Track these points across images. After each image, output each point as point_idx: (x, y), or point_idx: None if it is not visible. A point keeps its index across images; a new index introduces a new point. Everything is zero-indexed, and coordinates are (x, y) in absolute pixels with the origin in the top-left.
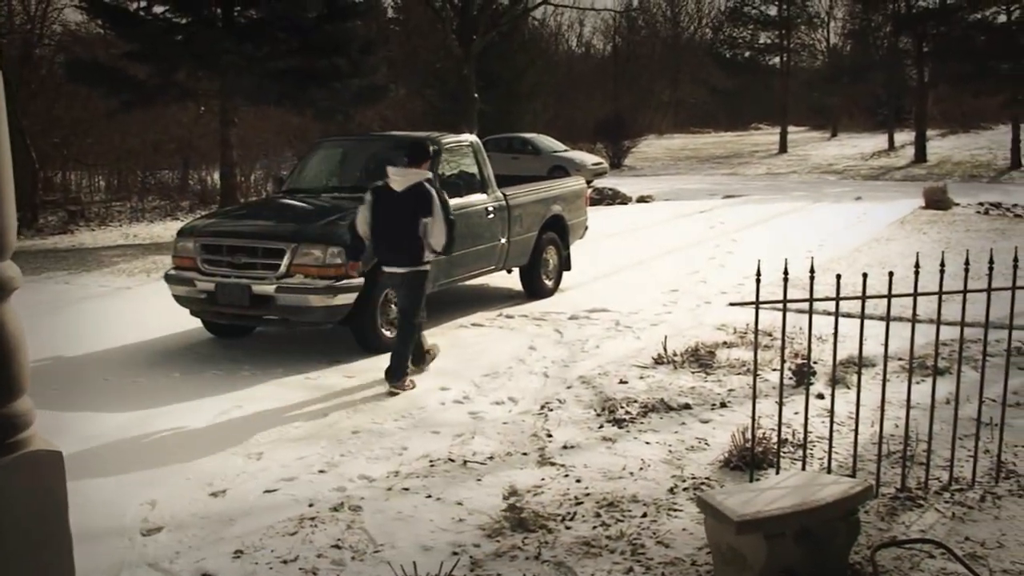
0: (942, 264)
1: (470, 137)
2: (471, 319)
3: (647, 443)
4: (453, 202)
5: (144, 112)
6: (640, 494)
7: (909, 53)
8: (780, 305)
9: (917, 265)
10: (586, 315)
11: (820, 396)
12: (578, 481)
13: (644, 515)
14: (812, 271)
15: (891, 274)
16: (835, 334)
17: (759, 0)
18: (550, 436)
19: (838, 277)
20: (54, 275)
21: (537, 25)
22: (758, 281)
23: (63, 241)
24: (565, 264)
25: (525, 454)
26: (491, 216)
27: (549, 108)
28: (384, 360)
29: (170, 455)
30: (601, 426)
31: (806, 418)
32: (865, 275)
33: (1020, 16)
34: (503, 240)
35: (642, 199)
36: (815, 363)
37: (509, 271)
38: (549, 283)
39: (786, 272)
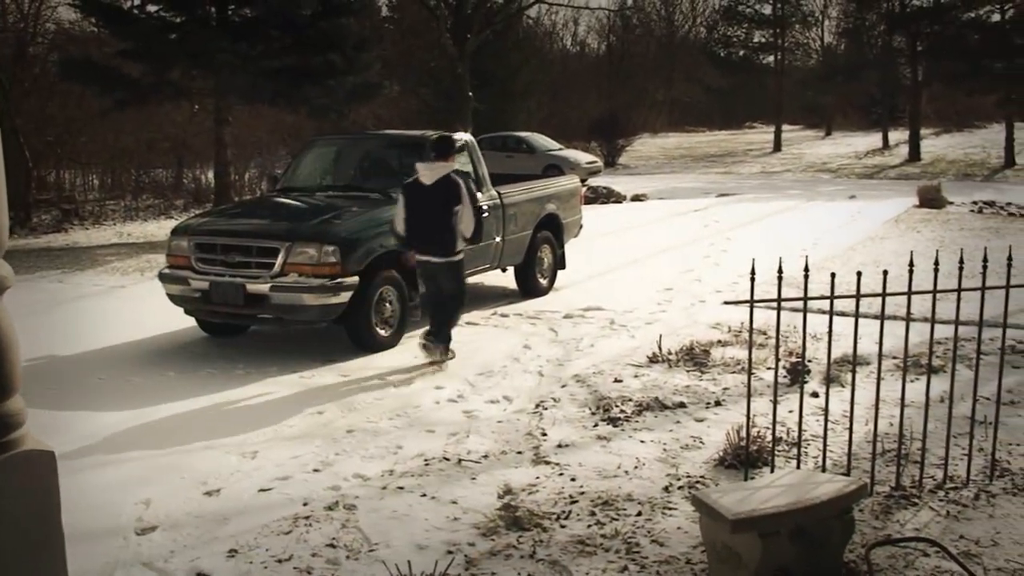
0: (936, 263)
1: (465, 136)
2: (466, 318)
3: (642, 442)
4: None
5: (138, 111)
6: (635, 493)
7: (903, 52)
8: (775, 304)
9: (911, 264)
10: (581, 314)
11: (815, 395)
12: (573, 480)
13: (639, 514)
14: (806, 270)
15: (885, 272)
16: (830, 332)
17: None
18: (545, 435)
19: (832, 276)
20: (48, 274)
21: (531, 24)
22: (752, 280)
23: (57, 240)
24: (560, 263)
25: (520, 453)
26: (486, 215)
27: (543, 107)
28: (380, 358)
29: (164, 454)
30: (596, 425)
31: (800, 417)
32: (859, 273)
33: (1014, 15)
34: (498, 239)
35: (636, 198)
36: (810, 362)
37: (504, 270)
38: (544, 282)
39: (780, 271)
